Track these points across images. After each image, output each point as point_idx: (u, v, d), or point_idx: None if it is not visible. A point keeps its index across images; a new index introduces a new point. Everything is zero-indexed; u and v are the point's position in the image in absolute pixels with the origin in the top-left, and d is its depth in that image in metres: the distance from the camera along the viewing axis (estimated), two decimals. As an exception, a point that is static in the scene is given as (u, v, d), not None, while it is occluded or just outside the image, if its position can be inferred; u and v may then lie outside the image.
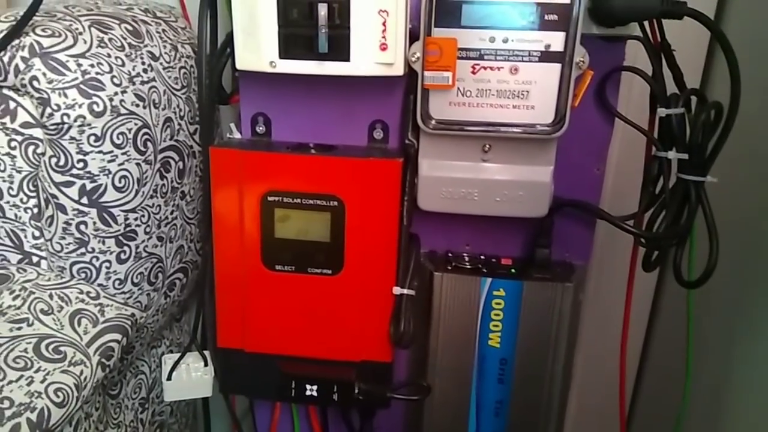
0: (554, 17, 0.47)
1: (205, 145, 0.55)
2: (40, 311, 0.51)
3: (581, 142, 0.54)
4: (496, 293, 0.56)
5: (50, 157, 0.51)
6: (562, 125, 0.49)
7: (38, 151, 0.52)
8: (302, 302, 0.55)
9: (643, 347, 0.83)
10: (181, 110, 0.59)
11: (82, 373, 0.49)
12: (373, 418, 0.63)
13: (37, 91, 0.49)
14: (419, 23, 0.48)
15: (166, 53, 0.58)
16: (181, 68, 0.60)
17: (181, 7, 0.70)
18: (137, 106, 0.53)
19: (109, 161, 0.52)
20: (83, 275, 0.55)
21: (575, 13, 0.47)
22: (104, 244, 0.54)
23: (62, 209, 0.52)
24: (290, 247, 0.54)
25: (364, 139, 0.56)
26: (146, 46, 0.56)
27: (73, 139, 0.50)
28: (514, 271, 0.57)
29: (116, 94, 0.51)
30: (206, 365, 0.62)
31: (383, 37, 0.47)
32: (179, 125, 0.59)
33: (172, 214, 0.60)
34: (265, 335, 0.57)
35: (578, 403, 0.84)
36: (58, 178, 0.51)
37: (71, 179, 0.51)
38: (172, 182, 0.59)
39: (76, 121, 0.50)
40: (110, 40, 0.53)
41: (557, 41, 0.48)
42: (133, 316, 0.57)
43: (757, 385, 0.61)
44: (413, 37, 0.48)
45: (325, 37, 0.47)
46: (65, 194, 0.52)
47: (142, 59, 0.55)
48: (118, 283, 0.56)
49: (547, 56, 0.48)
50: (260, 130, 0.57)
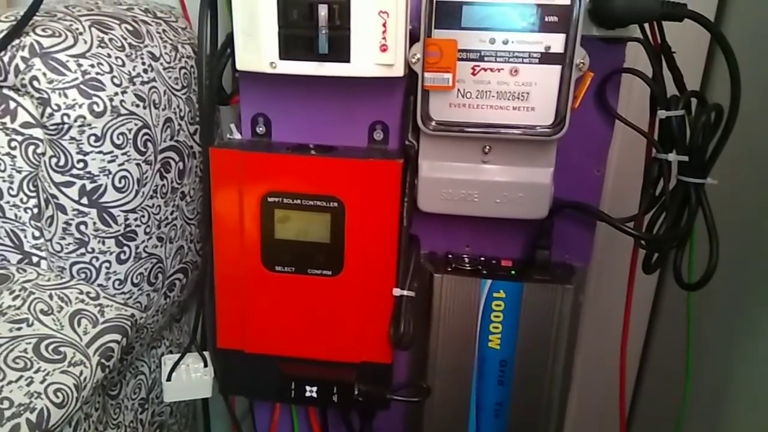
0: (554, 19, 0.47)
1: (205, 145, 0.55)
2: (39, 311, 0.51)
3: (581, 143, 0.54)
4: (496, 295, 0.56)
5: (50, 157, 0.51)
6: (562, 127, 0.49)
7: (38, 151, 0.52)
8: (302, 303, 0.55)
9: (643, 348, 0.83)
10: (181, 111, 0.59)
11: (81, 373, 0.49)
12: (372, 419, 0.63)
13: (37, 91, 0.49)
14: (419, 24, 0.48)
15: (166, 53, 0.58)
16: (181, 68, 0.60)
17: (181, 7, 0.70)
18: (137, 106, 0.53)
19: (109, 161, 0.52)
20: (83, 275, 0.55)
21: (575, 14, 0.47)
22: (104, 244, 0.54)
23: (62, 209, 0.52)
24: (290, 247, 0.54)
25: (364, 140, 0.56)
26: (146, 46, 0.56)
27: (73, 139, 0.50)
28: (514, 272, 0.57)
29: (116, 94, 0.51)
30: (206, 366, 0.62)
31: (383, 38, 0.47)
32: (179, 126, 0.59)
33: (172, 214, 0.60)
34: (264, 336, 0.57)
35: (578, 404, 0.84)
36: (58, 178, 0.51)
37: (71, 179, 0.51)
38: (172, 183, 0.59)
39: (76, 121, 0.50)
40: (110, 40, 0.53)
41: (557, 43, 0.48)
42: (132, 316, 0.57)
43: (757, 385, 0.61)
44: (413, 38, 0.48)
45: (325, 38, 0.47)
46: (65, 194, 0.52)
47: (142, 59, 0.55)
48: (117, 283, 0.56)
49: (547, 58, 0.48)
50: (260, 130, 0.57)
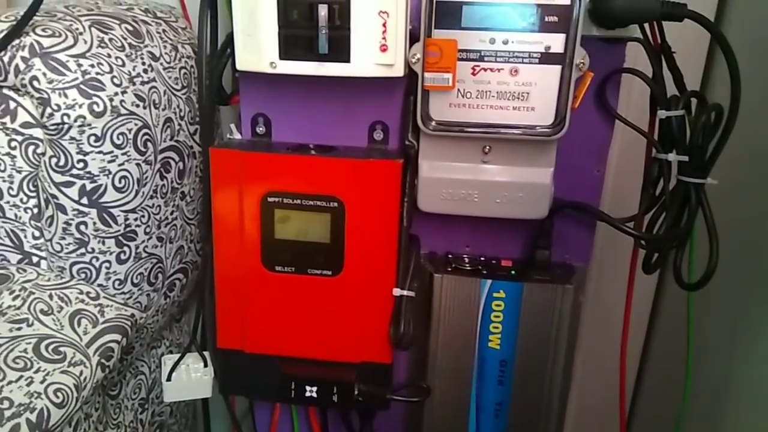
0: (554, 19, 0.47)
1: (205, 145, 0.55)
2: (39, 311, 0.51)
3: (581, 143, 0.54)
4: (496, 295, 0.56)
5: (50, 157, 0.51)
6: (562, 127, 0.49)
7: (38, 151, 0.52)
8: (302, 303, 0.55)
9: (643, 348, 0.83)
10: (181, 110, 0.59)
11: (81, 373, 0.49)
12: (372, 419, 0.63)
13: (37, 91, 0.49)
14: (419, 24, 0.48)
15: (166, 53, 0.58)
16: (181, 68, 0.60)
17: (181, 7, 0.70)
18: (137, 106, 0.53)
19: (109, 161, 0.52)
20: (83, 275, 0.55)
21: (575, 14, 0.47)
22: (104, 244, 0.54)
23: (62, 209, 0.52)
24: (290, 247, 0.54)
25: (364, 140, 0.56)
26: (146, 46, 0.56)
27: (73, 139, 0.50)
28: (514, 272, 0.57)
29: (116, 94, 0.51)
30: (206, 366, 0.62)
31: (383, 38, 0.47)
32: (179, 126, 0.59)
33: (172, 214, 0.60)
34: (264, 336, 0.57)
35: (578, 404, 0.84)
36: (58, 178, 0.51)
37: (71, 179, 0.51)
38: (172, 183, 0.59)
39: (76, 121, 0.50)
40: (110, 40, 0.53)
41: (557, 43, 0.48)
42: (132, 316, 0.57)
43: (757, 385, 0.61)
44: (413, 38, 0.48)
45: (325, 38, 0.47)
46: (65, 194, 0.52)
47: (142, 59, 0.55)
48: (117, 283, 0.56)
49: (547, 58, 0.48)
50: (260, 130, 0.57)
